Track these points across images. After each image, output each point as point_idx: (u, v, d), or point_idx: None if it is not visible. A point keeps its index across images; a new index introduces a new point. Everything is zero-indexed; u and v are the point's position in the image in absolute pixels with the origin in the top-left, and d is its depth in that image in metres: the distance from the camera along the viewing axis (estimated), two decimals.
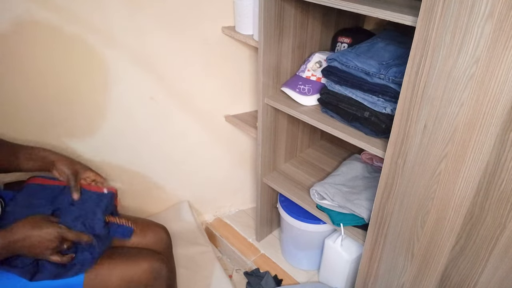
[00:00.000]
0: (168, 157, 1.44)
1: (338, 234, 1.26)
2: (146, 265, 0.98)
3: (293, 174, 1.40)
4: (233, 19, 1.29)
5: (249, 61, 1.43)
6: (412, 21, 0.75)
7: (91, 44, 1.10)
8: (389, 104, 0.97)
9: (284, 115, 1.30)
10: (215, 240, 1.64)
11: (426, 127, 0.80)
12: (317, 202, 1.23)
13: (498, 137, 0.71)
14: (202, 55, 1.31)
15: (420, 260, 0.96)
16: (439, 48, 0.72)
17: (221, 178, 1.65)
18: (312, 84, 1.16)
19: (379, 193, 0.97)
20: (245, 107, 1.52)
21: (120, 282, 0.95)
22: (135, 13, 1.12)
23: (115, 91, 1.20)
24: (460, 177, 0.80)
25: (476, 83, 0.70)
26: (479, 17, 0.66)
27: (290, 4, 1.09)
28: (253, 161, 1.68)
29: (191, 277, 1.35)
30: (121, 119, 1.26)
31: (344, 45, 1.21)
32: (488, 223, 0.80)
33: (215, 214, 1.72)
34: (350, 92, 1.03)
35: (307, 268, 1.47)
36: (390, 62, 0.97)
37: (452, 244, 0.88)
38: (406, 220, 0.94)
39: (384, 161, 0.92)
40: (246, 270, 1.50)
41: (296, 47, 1.21)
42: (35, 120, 1.11)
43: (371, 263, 1.09)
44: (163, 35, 1.20)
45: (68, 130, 1.18)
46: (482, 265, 0.85)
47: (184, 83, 1.33)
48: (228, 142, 1.57)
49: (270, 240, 1.60)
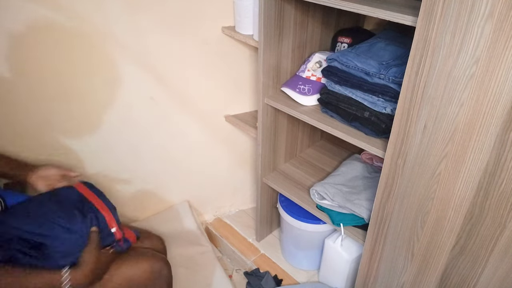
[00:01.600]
0: (168, 157, 1.44)
1: (338, 234, 1.26)
2: (146, 265, 0.98)
3: (293, 174, 1.40)
4: (233, 19, 1.29)
5: (249, 61, 1.43)
6: (412, 21, 0.75)
7: (90, 44, 1.10)
8: (389, 104, 0.97)
9: (284, 115, 1.30)
10: (215, 240, 1.64)
11: (426, 127, 0.80)
12: (317, 202, 1.23)
13: (498, 137, 0.71)
14: (202, 55, 1.31)
15: (420, 260, 0.96)
16: (439, 48, 0.72)
17: (221, 178, 1.65)
18: (312, 84, 1.16)
19: (379, 193, 0.97)
20: (245, 107, 1.52)
21: (121, 282, 0.94)
22: (136, 13, 1.12)
23: (114, 90, 1.20)
24: (460, 177, 0.80)
25: (476, 83, 0.70)
26: (479, 17, 0.66)
27: (290, 4, 1.09)
28: (253, 161, 1.68)
29: (191, 277, 1.35)
30: (121, 119, 1.26)
31: (344, 45, 1.21)
32: (488, 223, 0.80)
33: (215, 214, 1.72)
34: (350, 92, 1.03)
35: (307, 268, 1.47)
36: (390, 62, 0.97)
37: (452, 244, 0.88)
38: (406, 220, 0.94)
39: (384, 161, 0.92)
40: (246, 270, 1.50)
41: (296, 47, 1.21)
42: (34, 119, 1.12)
43: (371, 263, 1.09)
44: (163, 35, 1.20)
45: (67, 130, 1.18)
46: (482, 265, 0.85)
47: (184, 83, 1.33)
48: (228, 142, 1.57)
49: (270, 240, 1.60)
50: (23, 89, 1.06)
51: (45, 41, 1.04)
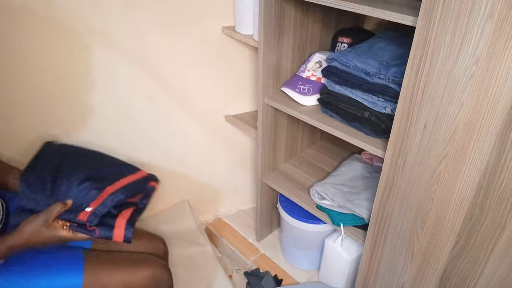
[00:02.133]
0: (168, 156, 1.44)
1: (338, 234, 1.26)
2: (147, 272, 0.96)
3: (293, 174, 1.40)
4: (233, 19, 1.29)
5: (249, 61, 1.43)
6: (412, 21, 0.75)
7: (90, 44, 1.10)
8: (389, 104, 0.97)
9: (284, 115, 1.30)
10: (215, 240, 1.64)
11: (426, 127, 0.80)
12: (317, 202, 1.23)
13: (498, 137, 0.71)
14: (202, 55, 1.31)
15: (420, 260, 0.96)
16: (439, 48, 0.72)
17: (221, 178, 1.65)
18: (312, 84, 1.16)
19: (379, 193, 0.97)
20: (245, 107, 1.52)
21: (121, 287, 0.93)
22: (135, 12, 1.12)
23: (114, 90, 1.20)
24: (460, 177, 0.80)
25: (476, 83, 0.70)
26: (479, 17, 0.66)
27: (290, 4, 1.09)
28: (253, 161, 1.68)
29: (191, 277, 1.35)
30: (121, 119, 1.26)
31: (344, 45, 1.21)
32: (488, 223, 0.80)
33: (215, 214, 1.72)
34: (350, 92, 1.03)
35: (307, 268, 1.47)
36: (390, 62, 0.97)
37: (452, 244, 0.88)
38: (406, 220, 0.94)
39: (384, 161, 0.92)
40: (246, 270, 1.50)
41: (296, 47, 1.21)
42: (32, 118, 1.11)
43: (371, 263, 1.09)
44: (163, 35, 1.20)
45: (65, 129, 1.18)
46: (482, 265, 0.85)
47: (184, 83, 1.33)
48: (228, 142, 1.57)
49: (270, 240, 1.60)
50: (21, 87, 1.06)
51: (44, 40, 1.04)
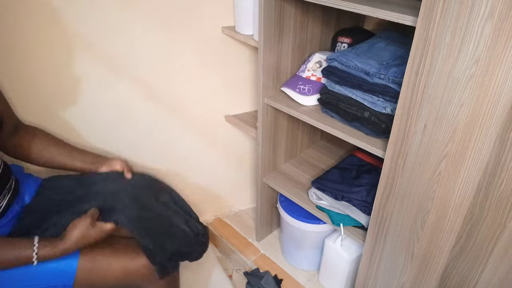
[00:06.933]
0: (168, 156, 1.44)
1: (338, 234, 1.26)
2: (146, 260, 0.95)
3: (293, 174, 1.40)
4: (233, 19, 1.29)
5: (249, 61, 1.43)
6: (412, 21, 0.75)
7: (89, 43, 1.10)
8: (389, 104, 0.97)
9: (284, 115, 1.30)
10: (215, 240, 1.64)
11: (426, 127, 0.80)
12: (316, 202, 1.23)
13: (498, 137, 0.71)
14: (202, 55, 1.31)
15: (420, 260, 0.96)
16: (439, 48, 0.72)
17: (221, 178, 1.65)
18: (312, 84, 1.16)
19: (379, 193, 0.97)
20: (245, 107, 1.52)
21: (119, 274, 0.93)
22: (135, 12, 1.12)
23: (115, 90, 1.20)
24: (460, 177, 0.80)
25: (476, 83, 0.70)
26: (479, 17, 0.66)
27: (290, 4, 1.09)
28: (253, 161, 1.68)
29: (191, 277, 1.35)
30: (121, 118, 1.26)
31: (344, 45, 1.21)
32: (488, 223, 0.80)
33: (215, 214, 1.72)
34: (350, 92, 1.03)
35: (307, 268, 1.47)
36: (390, 62, 0.97)
37: (452, 244, 0.88)
38: (406, 220, 0.94)
39: (384, 161, 0.92)
40: (246, 270, 1.50)
41: (296, 47, 1.21)
42: (30, 117, 1.12)
43: (371, 263, 1.09)
44: (163, 35, 1.20)
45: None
46: (482, 265, 0.85)
47: (183, 83, 1.33)
48: (228, 142, 1.57)
49: (270, 240, 1.60)
50: (21, 87, 1.06)
51: (43, 39, 1.04)
